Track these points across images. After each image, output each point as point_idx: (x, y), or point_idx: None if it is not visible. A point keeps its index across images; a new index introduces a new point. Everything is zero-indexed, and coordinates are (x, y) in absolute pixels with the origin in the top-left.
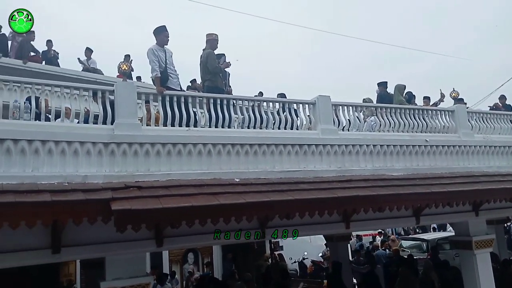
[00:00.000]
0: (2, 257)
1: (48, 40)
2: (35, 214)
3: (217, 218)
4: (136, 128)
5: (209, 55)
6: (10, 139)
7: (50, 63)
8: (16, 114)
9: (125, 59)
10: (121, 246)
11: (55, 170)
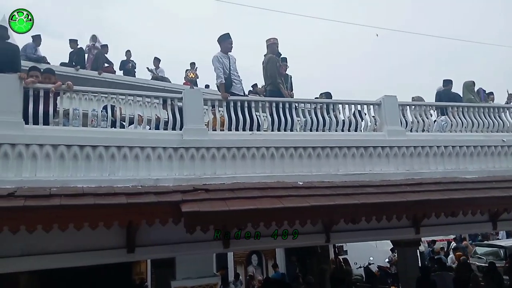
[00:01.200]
0: (83, 256)
1: (127, 51)
2: (112, 216)
3: (282, 221)
4: (203, 133)
5: (270, 60)
6: (90, 145)
7: (128, 73)
8: (94, 122)
9: (191, 67)
10: (190, 247)
11: (129, 174)
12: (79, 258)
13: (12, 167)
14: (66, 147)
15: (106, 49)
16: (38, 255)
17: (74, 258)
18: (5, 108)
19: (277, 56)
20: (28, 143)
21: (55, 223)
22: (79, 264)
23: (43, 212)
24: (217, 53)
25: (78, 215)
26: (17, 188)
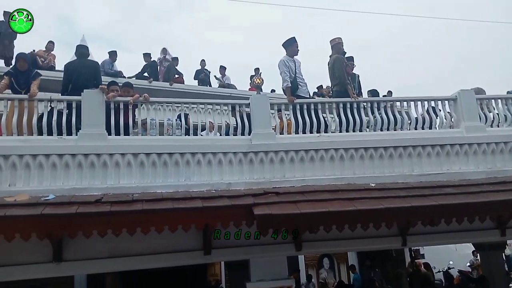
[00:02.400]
0: (163, 257)
1: (202, 60)
2: (190, 219)
3: (355, 224)
4: (271, 137)
5: (336, 61)
6: (166, 153)
7: (202, 82)
8: (170, 131)
9: (256, 73)
10: (263, 249)
11: (203, 179)
12: (160, 259)
13: (98, 175)
14: (145, 155)
15: (176, 61)
16: (123, 257)
17: (155, 260)
18: (90, 121)
19: (342, 55)
20: (112, 153)
21: (138, 226)
22: (160, 265)
23: (127, 217)
24: (283, 57)
25: (158, 218)
26: (103, 195)
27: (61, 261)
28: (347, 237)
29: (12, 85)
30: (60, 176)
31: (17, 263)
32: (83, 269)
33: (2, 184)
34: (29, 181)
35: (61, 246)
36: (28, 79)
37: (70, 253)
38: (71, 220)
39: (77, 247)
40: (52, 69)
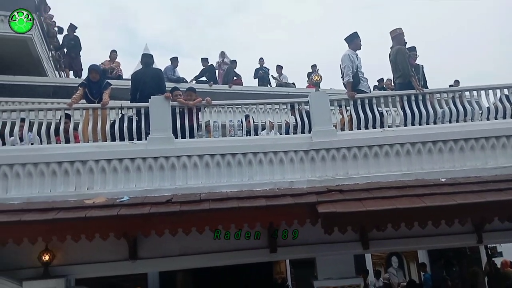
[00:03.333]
0: (230, 255)
1: (260, 58)
2: (255, 217)
3: (425, 221)
4: (332, 134)
5: (398, 52)
6: (229, 153)
7: (262, 80)
8: (232, 132)
9: (313, 70)
10: (329, 247)
11: (266, 178)
12: (227, 257)
13: (167, 177)
14: (210, 156)
15: (235, 64)
16: (192, 255)
17: (222, 258)
18: (158, 126)
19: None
20: (179, 155)
21: (207, 225)
22: (227, 263)
23: (196, 216)
24: (347, 51)
25: (225, 217)
26: (173, 195)
27: (137, 259)
28: (417, 235)
29: (86, 95)
30: (133, 179)
31: (98, 261)
32: (156, 266)
33: (81, 188)
34: (105, 184)
35: (136, 244)
36: (100, 89)
37: (144, 251)
38: (144, 220)
39: (150, 246)
40: (120, 78)
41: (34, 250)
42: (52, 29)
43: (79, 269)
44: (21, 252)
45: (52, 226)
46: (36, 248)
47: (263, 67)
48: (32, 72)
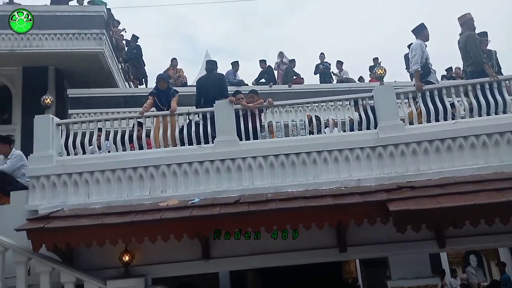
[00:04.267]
0: (299, 255)
1: (321, 53)
2: (322, 217)
3: (507, 217)
4: (400, 128)
5: (468, 38)
6: (293, 153)
7: (322, 75)
8: (294, 131)
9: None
10: (402, 246)
11: (332, 176)
12: (296, 257)
13: (234, 178)
14: (274, 157)
15: (293, 63)
16: (262, 254)
17: (291, 257)
18: (223, 129)
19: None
20: (244, 157)
21: (275, 225)
22: (296, 262)
23: (264, 216)
24: (418, 41)
25: (293, 217)
26: (240, 196)
27: (209, 259)
28: (498, 232)
29: (156, 103)
30: (202, 181)
31: (173, 261)
32: (228, 266)
33: (155, 191)
34: (177, 187)
35: (208, 244)
36: (168, 96)
37: (216, 251)
38: (215, 220)
39: (221, 246)
40: (185, 85)
41: (115, 251)
42: (120, 42)
43: (156, 268)
44: (103, 253)
45: (131, 228)
46: (117, 249)
47: (324, 62)
48: (105, 84)
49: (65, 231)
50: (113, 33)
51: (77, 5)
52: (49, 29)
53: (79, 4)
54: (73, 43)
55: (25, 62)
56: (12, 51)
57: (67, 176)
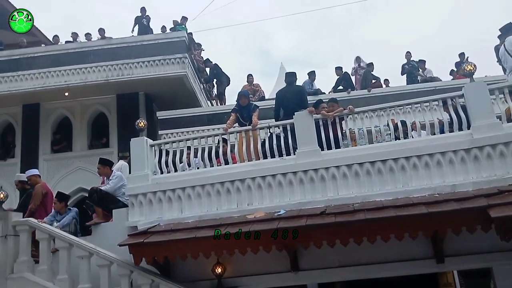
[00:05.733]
0: (392, 266)
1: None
2: (416, 226)
3: None
4: (497, 127)
5: None
6: (379, 160)
7: (410, 75)
8: (379, 138)
9: (461, 59)
10: (508, 256)
11: (423, 183)
12: (388, 268)
13: (318, 189)
14: (358, 165)
15: (371, 67)
16: (352, 266)
17: (383, 269)
18: (304, 140)
19: None
20: (327, 167)
21: (364, 236)
22: (388, 274)
23: (352, 227)
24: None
25: (383, 227)
26: (326, 207)
27: (298, 271)
28: None
29: (238, 119)
30: (287, 193)
31: (263, 273)
32: (317, 278)
33: (242, 204)
34: (262, 200)
35: (296, 256)
36: (250, 112)
37: (305, 263)
38: (302, 232)
39: (310, 257)
40: (263, 99)
41: (208, 263)
42: (201, 64)
43: (247, 280)
44: (198, 265)
45: (222, 241)
46: (210, 262)
47: (411, 61)
48: (189, 104)
49: (163, 245)
50: (194, 56)
51: (160, 33)
52: (138, 58)
53: (162, 32)
54: (159, 68)
55: (118, 90)
56: (107, 81)
57: (162, 193)
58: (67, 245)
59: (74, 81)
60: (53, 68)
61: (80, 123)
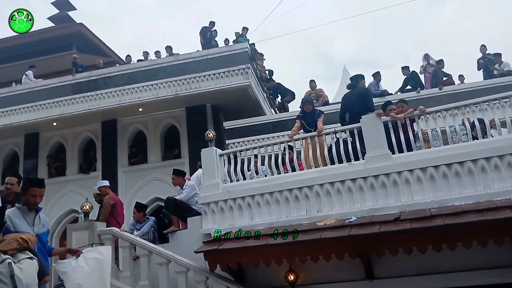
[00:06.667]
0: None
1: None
2: (501, 232)
3: None
4: None
5: None
6: (456, 162)
7: (487, 69)
8: (454, 138)
9: None
10: None
11: (507, 185)
12: (471, 277)
13: (391, 194)
14: (433, 168)
15: (441, 63)
16: (431, 275)
17: (466, 278)
18: (373, 144)
19: None
20: (399, 171)
21: (444, 242)
22: (471, 283)
23: (430, 233)
24: None
25: (464, 233)
26: (400, 213)
27: (373, 279)
28: None
29: (303, 126)
30: (357, 199)
31: (336, 281)
32: (393, 286)
33: (311, 211)
34: (332, 206)
35: (370, 264)
36: (314, 118)
37: (380, 270)
38: (376, 239)
39: (386, 265)
40: (327, 104)
41: (281, 270)
42: (264, 73)
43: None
44: (270, 272)
45: (293, 248)
46: (283, 269)
47: (486, 55)
48: (253, 113)
49: (236, 252)
50: (257, 65)
51: (224, 46)
52: (204, 71)
53: (225, 44)
54: (224, 80)
55: (187, 103)
56: (176, 95)
57: (232, 201)
58: (147, 253)
59: (147, 97)
60: (127, 86)
61: (154, 136)
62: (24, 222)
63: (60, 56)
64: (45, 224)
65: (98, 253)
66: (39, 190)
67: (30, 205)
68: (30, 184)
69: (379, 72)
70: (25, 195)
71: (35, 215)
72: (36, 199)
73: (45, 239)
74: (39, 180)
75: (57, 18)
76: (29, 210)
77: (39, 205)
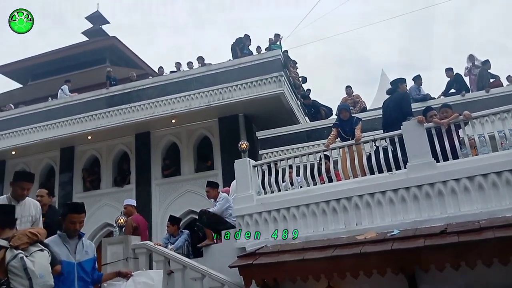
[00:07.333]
0: None
1: None
2: None
3: None
4: None
5: None
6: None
7: None
8: (504, 144)
9: None
10: None
11: None
12: None
13: (436, 205)
14: (482, 177)
15: (488, 64)
16: None
17: None
18: (416, 152)
19: None
20: (445, 180)
21: (495, 257)
22: None
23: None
24: None
25: None
26: (446, 225)
27: None
28: None
29: (340, 134)
30: (399, 211)
31: None
32: None
33: (350, 224)
34: (372, 219)
35: (415, 280)
36: (352, 125)
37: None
38: (420, 253)
39: (431, 281)
40: (365, 110)
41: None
42: (297, 80)
43: None
44: None
45: (332, 263)
46: (321, 284)
47: None
48: (287, 122)
49: (271, 267)
50: (290, 73)
51: (256, 54)
52: (236, 81)
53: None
54: (257, 89)
55: (220, 113)
56: (209, 106)
57: (267, 213)
58: (181, 267)
59: (180, 108)
60: (160, 98)
61: (187, 148)
62: (64, 249)
63: (94, 69)
64: (89, 251)
65: (148, 278)
66: (78, 216)
67: (70, 232)
68: (68, 211)
69: (419, 76)
70: (65, 222)
71: (77, 241)
72: (75, 225)
73: (88, 267)
74: (76, 206)
75: (91, 32)
76: (69, 237)
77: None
